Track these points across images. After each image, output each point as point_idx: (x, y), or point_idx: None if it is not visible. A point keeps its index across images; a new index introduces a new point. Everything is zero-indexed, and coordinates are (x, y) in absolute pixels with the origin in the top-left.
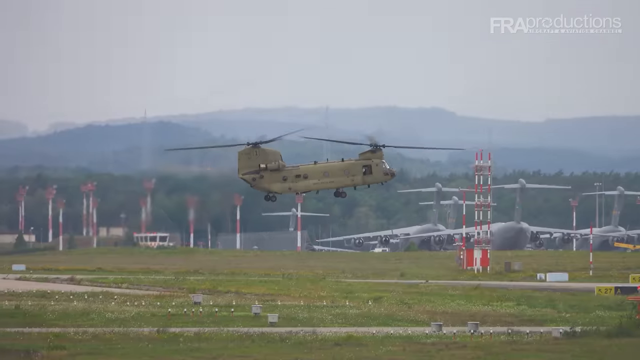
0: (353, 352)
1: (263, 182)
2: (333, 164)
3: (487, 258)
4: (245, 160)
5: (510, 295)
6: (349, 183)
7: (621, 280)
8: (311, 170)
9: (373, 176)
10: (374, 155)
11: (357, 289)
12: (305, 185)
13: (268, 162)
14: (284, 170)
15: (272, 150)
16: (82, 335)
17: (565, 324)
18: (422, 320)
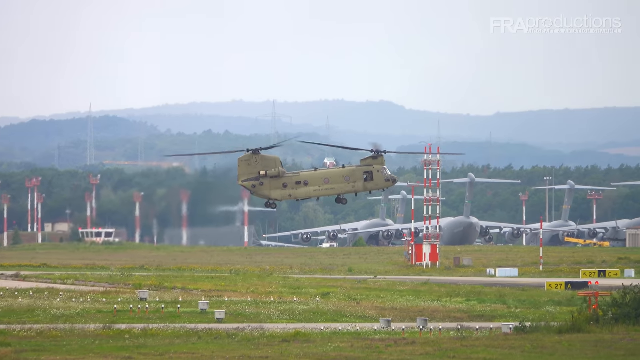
0: (301, 349)
1: (263, 189)
2: (333, 170)
3: (436, 253)
4: (245, 167)
5: (459, 290)
6: (349, 189)
7: (572, 275)
8: (311, 177)
9: (374, 182)
10: (375, 161)
11: (305, 284)
12: (306, 191)
13: (268, 168)
14: (284, 177)
15: (272, 157)
16: (27, 332)
17: (516, 320)
18: (370, 316)
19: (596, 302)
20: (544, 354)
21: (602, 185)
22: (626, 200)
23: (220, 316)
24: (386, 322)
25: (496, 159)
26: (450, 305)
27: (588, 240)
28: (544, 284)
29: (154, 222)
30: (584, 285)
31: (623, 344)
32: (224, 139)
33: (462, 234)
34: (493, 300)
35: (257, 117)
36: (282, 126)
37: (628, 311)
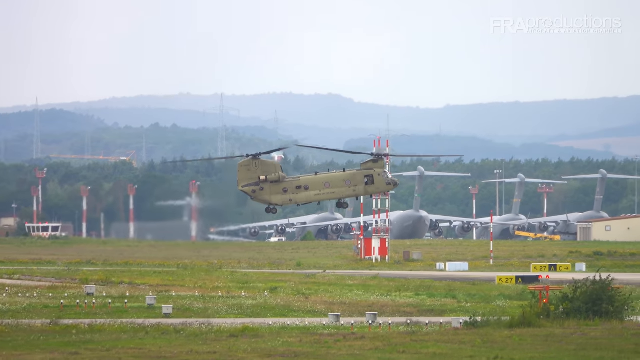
0: (249, 344)
1: (263, 194)
2: (334, 175)
3: (385, 247)
4: (244, 172)
5: (409, 285)
6: (351, 193)
7: (522, 269)
8: (312, 181)
9: (375, 186)
10: (376, 164)
11: (253, 279)
12: (306, 196)
13: (268, 173)
14: (284, 182)
15: (272, 162)
16: None
17: (466, 314)
18: (319, 310)
19: (547, 296)
20: (495, 349)
21: (553, 179)
22: (577, 193)
23: (167, 311)
24: (335, 317)
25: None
26: (399, 300)
27: (539, 234)
28: (494, 278)
29: (101, 216)
30: (534, 279)
31: (574, 339)
32: (172, 133)
33: (412, 228)
34: (443, 295)
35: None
36: (230, 119)
37: (579, 305)
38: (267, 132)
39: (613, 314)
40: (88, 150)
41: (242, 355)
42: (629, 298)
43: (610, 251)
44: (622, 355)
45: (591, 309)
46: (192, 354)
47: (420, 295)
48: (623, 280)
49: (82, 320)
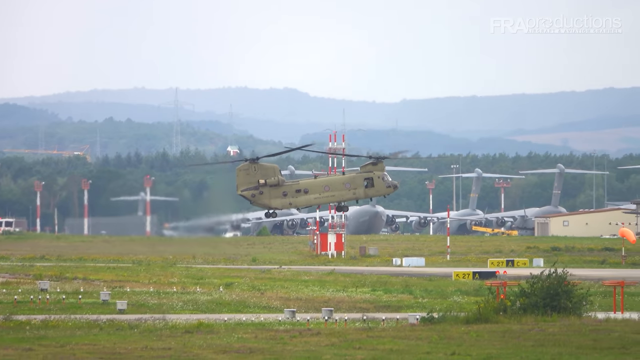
0: (204, 340)
1: (263, 198)
2: (334, 178)
3: (341, 242)
4: (243, 177)
5: (365, 280)
6: (351, 196)
7: (479, 264)
8: (311, 185)
9: (375, 189)
10: (375, 167)
11: (208, 274)
12: (306, 199)
13: (267, 177)
14: (283, 186)
15: (271, 166)
16: None
17: (422, 310)
18: (275, 306)
19: (504, 292)
20: (452, 345)
21: (510, 173)
22: (534, 188)
23: (122, 307)
24: (291, 313)
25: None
26: (356, 296)
27: (496, 229)
28: (451, 273)
29: (54, 211)
30: (491, 274)
31: (532, 335)
32: (126, 127)
33: (368, 223)
34: (399, 290)
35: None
36: (185, 114)
37: (536, 301)
38: (222, 127)
39: (571, 310)
40: (42, 144)
41: (197, 352)
42: (587, 293)
43: (568, 246)
44: (580, 351)
45: (549, 304)
46: (147, 350)
47: (377, 291)
48: (581, 275)
49: (36, 316)
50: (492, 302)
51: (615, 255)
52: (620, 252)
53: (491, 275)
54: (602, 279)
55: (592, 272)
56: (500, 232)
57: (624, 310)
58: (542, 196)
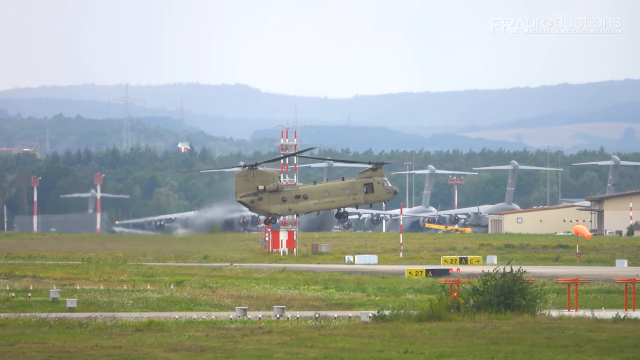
0: (155, 338)
1: (262, 203)
2: (333, 183)
3: (293, 240)
4: (242, 183)
5: (317, 278)
6: (351, 202)
7: (432, 262)
8: (311, 190)
9: (375, 194)
10: (375, 173)
11: (159, 272)
12: (306, 205)
13: (266, 183)
14: (282, 191)
15: (269, 172)
16: None
17: (375, 308)
18: (226, 304)
19: (457, 289)
20: (404, 343)
21: (464, 170)
22: (488, 185)
23: (72, 305)
24: (242, 311)
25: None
26: (307, 293)
27: (449, 226)
28: (404, 271)
29: (3, 208)
30: (445, 272)
31: (485, 333)
32: (76, 124)
33: (320, 220)
34: (352, 288)
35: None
36: (136, 110)
37: (490, 299)
38: (173, 123)
39: (525, 308)
40: None
41: (147, 350)
42: (541, 291)
43: (521, 243)
44: (534, 349)
45: (502, 302)
46: (97, 348)
47: (329, 288)
48: (535, 273)
49: None
50: (445, 299)
51: (570, 252)
52: (574, 249)
53: (444, 272)
54: (556, 276)
55: (546, 269)
56: (454, 229)
57: (578, 308)
58: (496, 193)
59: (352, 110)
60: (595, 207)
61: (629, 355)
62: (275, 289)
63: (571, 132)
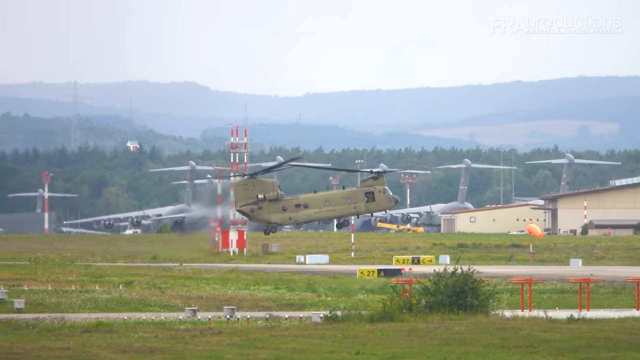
0: (103, 339)
1: (262, 213)
2: (334, 192)
3: (243, 240)
4: (242, 192)
5: (268, 278)
6: (351, 211)
7: (384, 262)
8: (311, 199)
9: (376, 203)
10: (376, 182)
11: (108, 272)
12: (306, 214)
13: (266, 192)
14: (283, 200)
15: (269, 181)
16: None
17: (326, 308)
18: (175, 305)
19: (409, 289)
20: (356, 344)
21: (416, 169)
22: (441, 184)
23: (19, 306)
24: (192, 312)
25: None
26: (258, 294)
27: (401, 225)
28: (355, 271)
29: None
30: (397, 272)
31: (438, 333)
32: (23, 122)
33: None
34: (303, 288)
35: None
36: (84, 108)
37: (442, 299)
38: (122, 122)
39: (478, 308)
40: None
41: (96, 351)
42: (494, 291)
43: (474, 243)
44: (488, 350)
45: (455, 302)
46: (45, 349)
47: (280, 289)
48: (488, 273)
49: None
50: (397, 300)
51: (523, 251)
52: (528, 248)
53: (396, 272)
54: (509, 276)
55: (499, 269)
56: (406, 228)
57: (532, 308)
58: (449, 192)
59: (303, 108)
60: (549, 206)
61: (583, 355)
62: (225, 289)
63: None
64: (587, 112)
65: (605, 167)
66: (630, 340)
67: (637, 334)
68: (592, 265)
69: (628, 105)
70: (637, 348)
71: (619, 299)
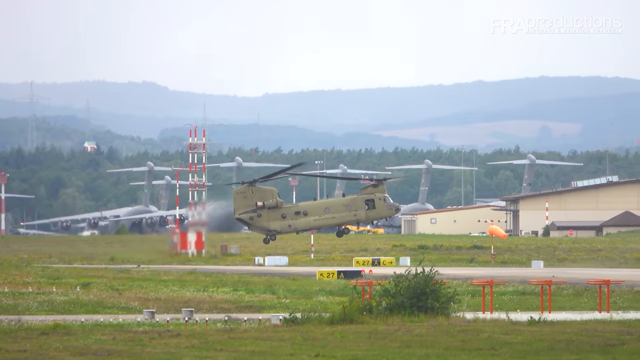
0: (60, 341)
1: (261, 220)
2: (334, 200)
3: (202, 241)
4: (241, 200)
5: (227, 280)
6: (352, 219)
7: (344, 263)
8: (311, 207)
9: (377, 211)
10: (376, 189)
11: (65, 274)
12: (306, 222)
13: (265, 199)
14: (282, 208)
15: (268, 188)
16: None
17: (285, 310)
18: (133, 307)
19: (370, 291)
20: (316, 346)
21: (376, 169)
22: (401, 184)
23: None
24: (150, 314)
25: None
26: (217, 296)
27: (361, 227)
28: (315, 272)
29: None
30: (357, 274)
31: (398, 335)
32: None
33: (229, 221)
34: (262, 290)
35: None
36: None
37: (402, 301)
38: (79, 122)
39: (438, 310)
40: None
41: (53, 354)
42: (455, 293)
43: (435, 244)
44: (448, 352)
45: (415, 304)
46: (1, 352)
47: (239, 290)
48: (449, 274)
49: None
50: (358, 302)
51: (485, 253)
52: (489, 250)
53: (356, 274)
54: (470, 277)
55: (460, 270)
56: (366, 230)
57: (493, 310)
58: (409, 193)
59: (262, 108)
60: (510, 207)
61: (544, 358)
62: (184, 291)
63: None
64: (548, 113)
65: (567, 168)
66: (592, 343)
67: (599, 336)
68: (554, 266)
69: (590, 106)
70: (599, 350)
71: (581, 301)
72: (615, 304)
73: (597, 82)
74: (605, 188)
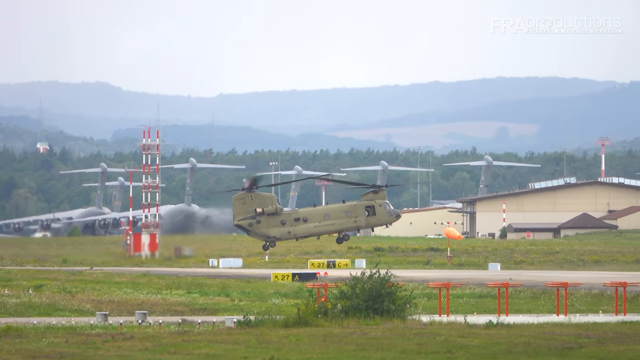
0: (12, 344)
1: (261, 227)
2: (333, 206)
3: (155, 243)
4: (240, 206)
5: (180, 282)
6: (352, 225)
7: (299, 266)
8: (311, 213)
9: (377, 217)
10: (377, 196)
11: (17, 276)
12: (306, 228)
13: (264, 206)
14: (282, 214)
15: (268, 195)
16: None
17: (240, 313)
18: (86, 309)
19: (325, 294)
20: (270, 349)
21: (332, 171)
22: None
23: None
24: (103, 316)
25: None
26: (170, 298)
27: None
28: (269, 275)
29: None
30: (312, 276)
31: (353, 338)
32: None
33: (183, 223)
34: (216, 293)
35: None
36: None
37: (357, 303)
38: (31, 123)
39: (394, 313)
40: None
41: (5, 357)
42: (411, 295)
43: (391, 247)
44: (404, 355)
45: (371, 307)
46: None
47: (192, 293)
48: (405, 277)
49: None
50: (312, 304)
51: (441, 255)
52: (445, 252)
53: (311, 276)
54: (426, 280)
55: (416, 273)
56: None
57: (450, 313)
58: None
59: (217, 109)
60: (467, 209)
61: None
62: (137, 293)
63: (442, 132)
64: (505, 114)
65: (524, 169)
66: (550, 346)
67: (556, 339)
68: (511, 269)
69: (547, 107)
70: (557, 353)
71: (538, 304)
72: (573, 306)
73: (555, 82)
74: (562, 190)
